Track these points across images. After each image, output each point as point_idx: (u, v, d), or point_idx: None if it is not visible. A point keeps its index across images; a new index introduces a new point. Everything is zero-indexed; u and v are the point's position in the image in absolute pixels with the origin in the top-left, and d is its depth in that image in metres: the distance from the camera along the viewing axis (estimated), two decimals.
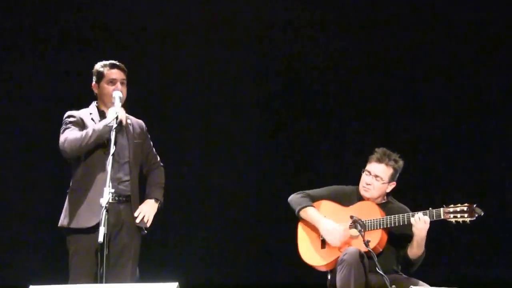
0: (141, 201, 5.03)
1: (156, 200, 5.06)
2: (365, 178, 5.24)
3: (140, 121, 5.16)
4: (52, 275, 4.88)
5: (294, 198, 5.40)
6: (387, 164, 5.22)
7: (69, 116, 4.96)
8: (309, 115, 7.16)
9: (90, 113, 5.00)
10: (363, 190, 5.25)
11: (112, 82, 4.98)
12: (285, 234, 5.54)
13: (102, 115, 4.99)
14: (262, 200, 7.01)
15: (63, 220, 4.87)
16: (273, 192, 6.84)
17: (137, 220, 4.93)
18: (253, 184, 7.09)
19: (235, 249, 6.94)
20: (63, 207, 4.90)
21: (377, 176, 5.21)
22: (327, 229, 5.19)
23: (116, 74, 5.00)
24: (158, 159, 5.22)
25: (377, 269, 4.83)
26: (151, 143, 5.21)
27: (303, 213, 5.32)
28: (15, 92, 7.01)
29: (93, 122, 4.94)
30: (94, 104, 5.07)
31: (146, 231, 5.03)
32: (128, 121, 5.01)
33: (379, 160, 5.23)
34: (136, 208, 4.97)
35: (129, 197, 4.93)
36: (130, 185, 4.93)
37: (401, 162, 5.27)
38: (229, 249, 6.93)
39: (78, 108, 5.07)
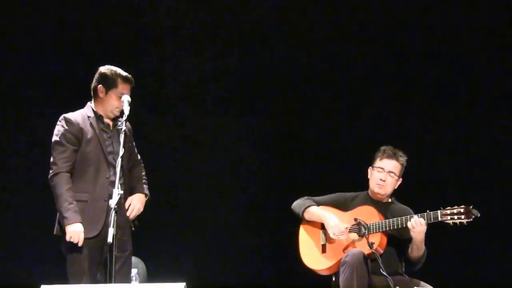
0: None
1: (146, 195, 5.11)
2: (378, 175, 5.31)
3: (128, 124, 5.09)
4: (64, 274, 4.95)
5: (296, 203, 5.51)
6: (397, 160, 5.34)
7: (64, 124, 4.94)
8: (306, 115, 7.19)
9: (89, 116, 5.00)
10: (377, 187, 5.31)
11: (122, 95, 4.97)
12: (291, 236, 5.60)
13: (100, 119, 5.01)
14: (266, 202, 7.07)
15: (58, 230, 4.91)
16: (278, 194, 6.89)
17: (128, 213, 4.99)
18: (258, 186, 7.15)
19: (242, 250, 6.99)
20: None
21: (391, 172, 5.30)
22: (330, 223, 5.26)
23: (129, 89, 5.02)
24: (139, 157, 5.24)
25: (381, 271, 4.90)
26: (134, 143, 5.20)
27: (307, 214, 5.42)
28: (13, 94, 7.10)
29: (91, 128, 4.94)
30: (90, 105, 5.06)
31: (134, 229, 5.08)
32: (124, 127, 4.92)
33: (391, 157, 5.33)
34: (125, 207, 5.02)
35: (121, 199, 4.91)
36: (122, 187, 4.89)
37: (406, 158, 5.39)
38: (237, 250, 6.98)
39: (73, 109, 5.09)
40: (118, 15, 7.10)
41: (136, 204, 5.03)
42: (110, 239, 4.48)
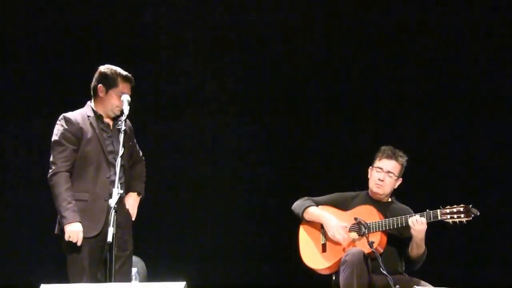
0: None
1: (139, 193, 5.12)
2: (377, 175, 5.34)
3: (128, 122, 5.08)
4: (64, 274, 4.94)
5: (296, 203, 5.52)
6: (397, 160, 5.35)
7: (63, 124, 4.92)
8: (306, 115, 7.20)
9: (88, 116, 4.98)
10: (376, 187, 5.34)
11: (122, 94, 4.95)
12: (291, 236, 5.61)
13: (100, 119, 5.00)
14: (266, 202, 7.08)
15: (59, 230, 4.89)
16: (278, 194, 6.92)
17: (132, 214, 5.03)
18: (258, 186, 7.16)
19: (242, 250, 7.01)
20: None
21: (389, 172, 5.32)
22: (329, 224, 5.29)
23: (129, 88, 5.01)
24: (141, 154, 5.24)
25: (382, 270, 4.91)
26: (135, 140, 5.20)
27: (306, 214, 5.43)
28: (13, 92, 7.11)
29: (91, 128, 4.93)
30: (90, 105, 5.05)
31: None
32: (124, 127, 4.88)
33: (390, 157, 5.35)
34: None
35: (122, 199, 4.93)
36: (122, 187, 4.90)
37: (406, 158, 5.40)
38: (237, 250, 7.00)
39: (73, 108, 5.07)
40: (118, 15, 7.11)
41: (132, 203, 5.07)
42: (110, 238, 4.49)
